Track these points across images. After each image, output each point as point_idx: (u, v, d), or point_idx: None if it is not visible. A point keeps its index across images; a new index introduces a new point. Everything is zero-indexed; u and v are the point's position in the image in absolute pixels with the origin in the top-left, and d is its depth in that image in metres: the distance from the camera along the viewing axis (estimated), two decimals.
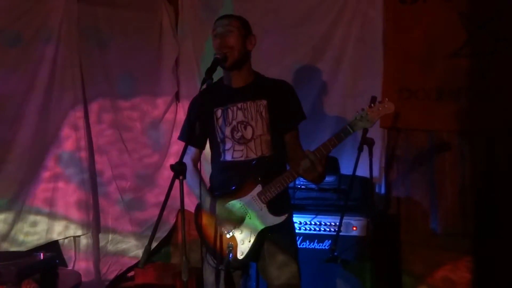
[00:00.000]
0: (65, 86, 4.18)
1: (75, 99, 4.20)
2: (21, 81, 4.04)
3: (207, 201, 2.81)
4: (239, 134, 2.82)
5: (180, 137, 3.07)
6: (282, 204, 2.82)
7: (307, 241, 3.55)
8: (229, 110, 2.84)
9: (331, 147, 2.62)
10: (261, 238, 2.74)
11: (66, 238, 4.21)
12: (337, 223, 3.32)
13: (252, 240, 2.73)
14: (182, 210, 2.43)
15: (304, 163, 2.60)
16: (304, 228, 3.56)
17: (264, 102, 2.83)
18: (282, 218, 2.74)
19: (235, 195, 2.78)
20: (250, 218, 2.74)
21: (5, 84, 3.96)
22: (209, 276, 2.83)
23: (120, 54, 4.47)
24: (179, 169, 2.41)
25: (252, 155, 2.81)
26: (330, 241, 3.46)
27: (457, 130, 3.77)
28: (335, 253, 3.24)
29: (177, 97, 4.75)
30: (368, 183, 3.57)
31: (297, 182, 3.73)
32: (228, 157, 2.84)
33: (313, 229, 3.55)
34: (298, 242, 3.45)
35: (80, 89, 4.23)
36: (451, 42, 3.71)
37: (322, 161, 2.61)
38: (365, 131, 3.15)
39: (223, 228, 2.76)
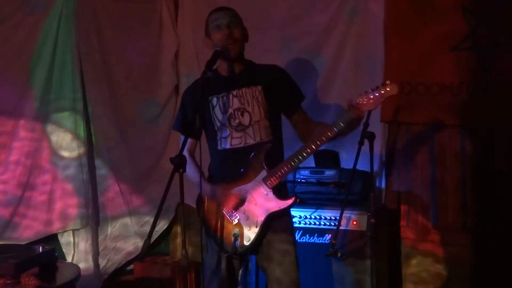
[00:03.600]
0: (64, 81, 4.17)
1: (74, 91, 4.18)
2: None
3: (209, 188, 2.80)
4: (237, 121, 2.82)
5: (175, 127, 3.08)
6: (285, 190, 2.85)
7: (307, 235, 3.54)
8: (225, 98, 2.83)
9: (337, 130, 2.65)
10: (268, 224, 2.74)
11: (65, 231, 4.20)
12: (337, 217, 3.31)
13: (259, 225, 2.73)
14: (182, 203, 2.42)
15: (345, 117, 2.63)
16: (304, 222, 3.55)
17: (259, 87, 2.83)
18: (289, 202, 2.74)
19: (239, 181, 2.77)
20: (255, 204, 2.74)
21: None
22: (210, 262, 2.83)
23: (119, 46, 4.45)
24: (179, 162, 2.40)
25: (251, 141, 2.80)
26: (330, 235, 3.46)
27: (458, 124, 3.76)
28: (335, 247, 3.23)
29: (176, 91, 4.73)
30: (368, 177, 3.55)
31: (297, 176, 3.72)
32: (227, 145, 2.84)
33: (313, 223, 3.54)
34: (298, 236, 3.44)
35: (79, 82, 4.21)
36: (453, 36, 3.69)
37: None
38: (366, 125, 3.14)
39: (226, 213, 2.77)
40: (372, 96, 2.63)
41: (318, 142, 2.66)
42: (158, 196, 2.44)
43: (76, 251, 4.24)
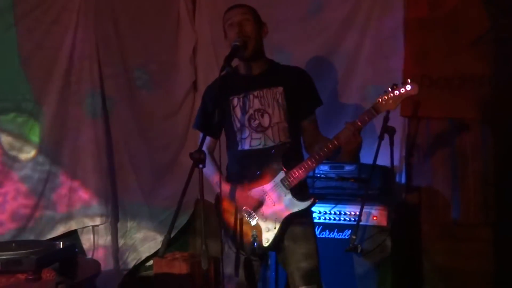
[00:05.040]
0: (83, 76, 4.17)
1: (92, 88, 4.19)
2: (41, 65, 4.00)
3: (228, 189, 2.79)
4: (257, 122, 2.80)
5: (195, 126, 3.06)
6: (305, 190, 2.83)
7: (327, 230, 3.52)
8: (245, 99, 2.82)
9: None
10: (286, 225, 2.73)
11: (85, 227, 4.23)
12: (357, 213, 3.28)
13: (277, 227, 2.72)
14: (201, 199, 2.41)
15: (346, 133, 2.59)
16: (324, 218, 3.53)
17: (280, 89, 2.81)
18: (307, 203, 2.73)
19: (257, 182, 2.75)
20: (274, 205, 2.72)
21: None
22: (229, 263, 2.82)
23: (137, 42, 4.45)
24: (198, 158, 2.39)
25: (270, 143, 2.79)
26: (350, 230, 3.44)
27: (479, 118, 3.72)
28: (355, 243, 3.20)
29: (194, 87, 4.73)
30: (388, 172, 3.53)
31: (316, 171, 3.70)
32: (246, 146, 2.83)
33: (333, 218, 3.52)
34: (318, 232, 3.43)
35: (97, 78, 4.22)
36: (475, 28, 3.65)
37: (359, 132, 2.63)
38: (386, 119, 3.11)
39: (245, 213, 2.75)
40: (392, 95, 2.59)
41: (330, 146, 2.64)
42: (177, 192, 2.44)
43: (96, 247, 4.26)
